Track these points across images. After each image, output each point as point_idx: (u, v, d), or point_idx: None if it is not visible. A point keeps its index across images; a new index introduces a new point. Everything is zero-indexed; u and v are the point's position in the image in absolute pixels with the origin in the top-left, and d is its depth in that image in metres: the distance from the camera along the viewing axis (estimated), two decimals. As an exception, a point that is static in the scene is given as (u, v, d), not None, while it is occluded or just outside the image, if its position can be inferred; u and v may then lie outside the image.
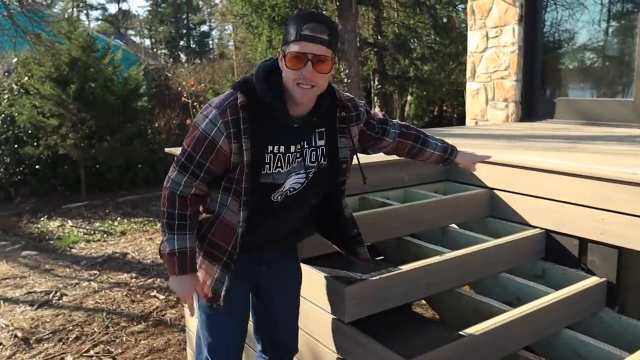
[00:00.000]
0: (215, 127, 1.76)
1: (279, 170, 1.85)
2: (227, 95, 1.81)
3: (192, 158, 1.81)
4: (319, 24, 1.72)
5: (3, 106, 10.36)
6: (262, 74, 1.81)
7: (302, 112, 1.84)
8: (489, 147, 3.43)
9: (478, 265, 2.47)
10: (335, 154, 1.96)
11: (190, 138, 1.83)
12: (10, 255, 6.56)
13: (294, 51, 1.72)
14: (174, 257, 1.87)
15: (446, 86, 12.89)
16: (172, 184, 1.86)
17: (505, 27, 5.45)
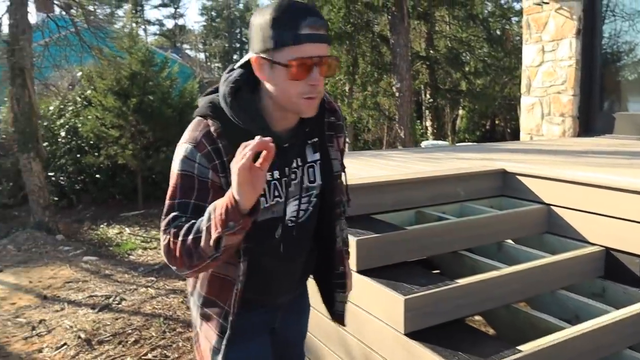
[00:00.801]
0: (195, 163, 1.44)
1: (277, 200, 1.54)
2: (195, 126, 1.49)
3: (185, 206, 1.44)
4: (316, 17, 1.40)
5: (67, 117, 10.89)
6: (228, 94, 1.47)
7: (289, 124, 1.52)
8: (546, 162, 3.40)
9: (535, 281, 2.46)
10: (329, 167, 1.64)
11: (171, 189, 1.47)
12: (73, 260, 6.86)
13: (299, 57, 1.37)
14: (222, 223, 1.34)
15: (499, 100, 12.72)
16: (170, 240, 1.42)
17: (562, 41, 5.37)
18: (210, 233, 1.32)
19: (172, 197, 1.45)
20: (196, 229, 1.37)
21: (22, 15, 6.88)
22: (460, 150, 4.57)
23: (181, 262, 1.40)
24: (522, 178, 3.09)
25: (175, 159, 1.48)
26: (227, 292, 1.55)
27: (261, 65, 1.43)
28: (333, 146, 1.65)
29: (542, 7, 5.51)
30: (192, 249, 1.37)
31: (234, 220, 1.29)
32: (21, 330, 4.65)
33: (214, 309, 1.60)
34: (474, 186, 3.12)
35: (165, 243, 1.42)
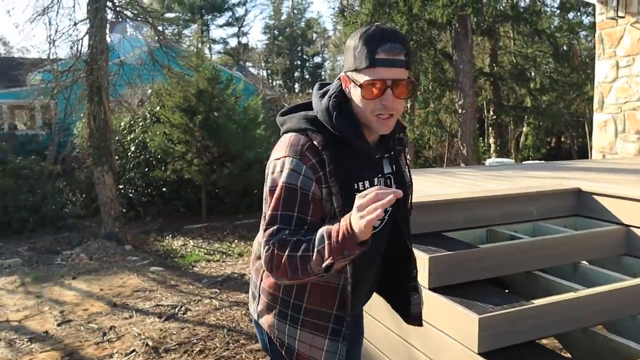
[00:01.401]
0: (300, 176, 1.51)
1: None
2: (295, 140, 1.57)
3: (289, 218, 1.51)
4: (394, 43, 1.50)
5: (137, 133, 11.36)
6: (332, 108, 1.58)
7: (374, 138, 1.65)
8: (623, 181, 3.28)
9: (615, 304, 2.36)
10: (402, 178, 1.76)
11: (275, 201, 1.53)
12: (141, 270, 7.10)
13: (371, 79, 1.50)
14: (333, 254, 1.41)
15: (565, 117, 12.33)
16: (275, 251, 1.49)
17: (638, 56, 5.18)
18: (322, 256, 1.40)
19: (275, 208, 1.52)
20: (305, 247, 1.44)
21: (101, 37, 7.28)
22: (529, 169, 4.46)
23: (283, 273, 1.48)
24: (599, 197, 2.98)
25: (276, 172, 1.55)
26: (330, 298, 1.62)
27: (347, 83, 1.59)
28: (402, 160, 1.78)
29: (616, 21, 5.34)
30: (299, 265, 1.45)
31: (350, 249, 1.38)
32: (93, 336, 4.85)
33: (319, 316, 1.64)
34: (547, 205, 3.04)
35: (268, 253, 1.49)
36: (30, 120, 16.30)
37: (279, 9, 37.16)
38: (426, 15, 10.53)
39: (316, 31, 36.36)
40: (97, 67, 7.29)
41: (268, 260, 1.50)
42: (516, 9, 10.76)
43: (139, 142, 11.11)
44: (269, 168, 1.59)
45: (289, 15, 37.49)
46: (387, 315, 1.76)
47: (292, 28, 36.15)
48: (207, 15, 32.68)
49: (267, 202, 1.57)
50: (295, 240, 1.47)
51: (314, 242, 1.43)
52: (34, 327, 5.12)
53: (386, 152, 1.70)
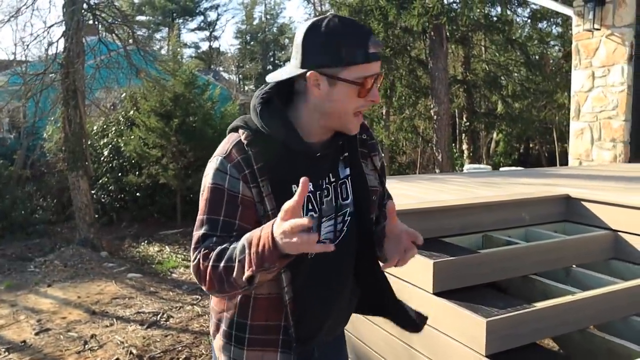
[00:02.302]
0: (226, 175, 1.40)
1: (311, 214, 1.45)
2: (228, 138, 1.48)
3: (214, 222, 1.39)
4: (374, 35, 1.41)
5: (110, 137, 11.19)
6: (259, 103, 1.46)
7: (323, 137, 1.49)
8: (609, 188, 3.40)
9: (609, 306, 2.45)
10: (363, 182, 1.56)
11: (202, 204, 1.43)
12: (118, 277, 6.99)
13: (369, 75, 1.39)
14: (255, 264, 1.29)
15: (536, 123, 12.66)
16: (200, 260, 1.36)
17: (614, 67, 5.37)
18: (243, 267, 1.28)
19: (201, 212, 1.42)
20: (228, 257, 1.32)
21: (77, 40, 7.16)
22: (515, 175, 4.58)
23: (211, 285, 1.36)
24: (587, 204, 3.09)
25: (206, 173, 1.45)
26: (276, 311, 1.47)
27: (317, 81, 1.40)
28: (367, 164, 1.59)
29: (592, 33, 5.52)
30: (224, 277, 1.32)
31: (270, 262, 1.25)
32: (74, 345, 4.76)
33: (268, 331, 1.49)
34: (537, 211, 3.13)
35: (195, 263, 1.38)
36: (-4, 124, 15.86)
37: (251, 13, 37.10)
38: (401, 23, 10.68)
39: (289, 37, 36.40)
40: (74, 70, 7.16)
41: (195, 271, 1.38)
42: (489, 18, 11.03)
43: (113, 147, 10.95)
44: (206, 168, 1.48)
45: (261, 20, 37.47)
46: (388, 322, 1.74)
47: (264, 33, 36.11)
48: (178, 19, 32.40)
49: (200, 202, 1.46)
50: (220, 249, 1.34)
51: (236, 251, 1.31)
52: (10, 336, 4.98)
53: (337, 153, 1.53)
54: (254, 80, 29.49)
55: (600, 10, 5.39)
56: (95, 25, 8.39)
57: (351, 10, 10.95)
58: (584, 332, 2.39)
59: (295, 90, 1.48)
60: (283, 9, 66.75)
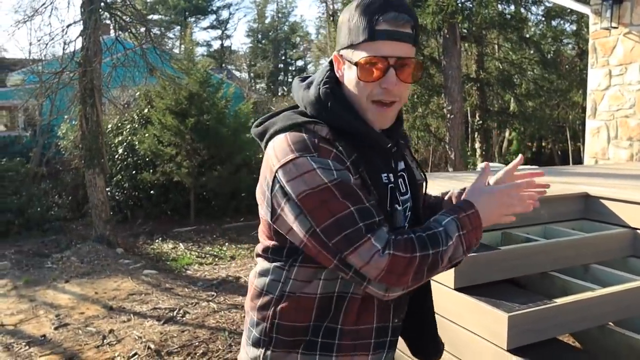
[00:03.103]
0: (331, 170, 1.20)
1: (396, 207, 1.35)
2: (296, 136, 1.26)
3: (365, 211, 1.21)
4: (400, 13, 1.23)
5: (125, 135, 11.29)
6: (324, 96, 1.30)
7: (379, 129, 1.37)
8: (627, 186, 3.40)
9: (628, 303, 2.47)
10: (413, 176, 1.46)
11: (330, 205, 1.20)
12: (134, 273, 7.07)
13: (369, 56, 1.23)
14: (468, 224, 1.26)
15: (549, 122, 12.62)
16: (394, 254, 1.18)
17: (631, 65, 5.36)
18: (461, 243, 1.24)
19: (340, 209, 1.19)
20: (434, 240, 1.21)
21: (95, 39, 7.25)
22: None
23: (411, 279, 1.22)
24: (606, 202, 3.10)
25: (299, 178, 1.21)
26: (368, 312, 1.34)
27: (339, 64, 1.32)
28: (408, 156, 1.50)
29: (610, 31, 5.51)
30: (437, 262, 1.22)
31: (478, 241, 1.31)
32: (92, 339, 4.83)
33: (359, 335, 1.35)
34: (556, 209, 3.14)
35: (387, 261, 1.17)
36: (11, 122, 16.05)
37: (263, 12, 37.23)
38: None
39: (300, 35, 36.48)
40: (91, 68, 7.25)
41: (387, 270, 1.17)
42: (503, 16, 11.00)
43: (127, 145, 11.05)
44: (279, 178, 1.24)
45: (273, 18, 37.59)
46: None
47: (276, 32, 36.22)
48: (190, 18, 32.58)
49: (306, 215, 1.21)
50: (418, 236, 1.21)
51: (444, 230, 1.23)
52: (30, 330, 5.07)
53: (395, 144, 1.40)
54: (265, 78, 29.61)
55: (618, 8, 5.38)
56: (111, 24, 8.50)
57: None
58: (603, 328, 2.41)
59: None
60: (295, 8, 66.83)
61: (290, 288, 1.33)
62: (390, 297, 1.26)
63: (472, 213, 1.27)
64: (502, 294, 2.32)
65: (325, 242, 1.20)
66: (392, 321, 1.39)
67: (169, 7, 30.99)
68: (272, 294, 1.36)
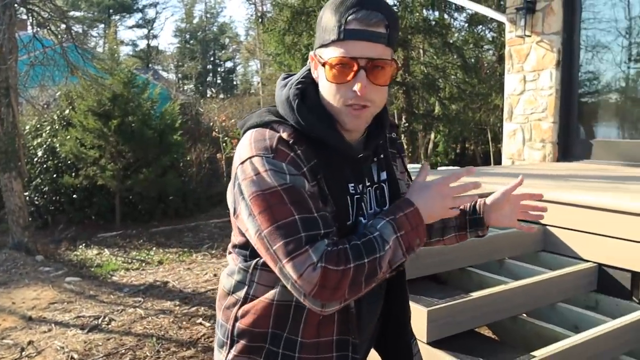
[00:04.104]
0: (285, 174, 1.17)
1: (361, 220, 1.30)
2: (260, 134, 1.24)
3: (311, 221, 1.16)
4: (372, 11, 1.18)
5: (44, 137, 10.79)
6: (293, 97, 1.26)
7: (356, 135, 1.32)
8: (538, 185, 3.62)
9: (538, 295, 2.64)
10: (396, 188, 1.41)
11: (276, 209, 1.16)
12: (55, 281, 6.78)
13: (338, 56, 1.18)
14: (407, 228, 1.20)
15: (471, 125, 13.15)
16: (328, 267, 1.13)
17: (543, 71, 5.70)
18: (399, 245, 1.18)
19: (284, 216, 1.15)
20: (369, 247, 1.16)
21: (9, 35, 6.89)
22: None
23: (341, 293, 1.15)
24: (519, 199, 3.29)
25: (250, 178, 1.18)
26: (328, 322, 1.29)
27: (315, 64, 1.28)
28: (397, 166, 1.45)
29: (524, 39, 5.83)
30: (372, 270, 1.16)
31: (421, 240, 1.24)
32: (9, 352, 4.60)
33: (320, 349, 1.30)
34: (473, 207, 3.31)
35: (316, 273, 1.12)
36: None
37: (191, 12, 36.60)
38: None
39: (229, 36, 36.10)
40: (7, 67, 6.89)
41: (322, 282, 1.12)
42: (428, 22, 11.37)
43: (47, 147, 10.56)
44: (238, 175, 1.23)
45: (201, 19, 37.02)
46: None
47: (204, 32, 35.69)
48: (115, 16, 31.54)
49: (255, 216, 1.18)
50: (352, 245, 1.16)
51: (379, 235, 1.17)
52: (-62, 346, 4.77)
53: (374, 154, 1.37)
54: (193, 79, 29.14)
55: (531, 17, 5.70)
56: (28, 20, 8.10)
57: (293, 12, 11.02)
58: (516, 318, 2.57)
59: None
60: (223, 8, 66.21)
61: (254, 291, 1.31)
62: (326, 312, 1.20)
63: (411, 211, 1.22)
64: (423, 289, 2.42)
65: (268, 247, 1.17)
66: (351, 335, 1.31)
67: (92, 4, 29.90)
68: (237, 296, 1.34)
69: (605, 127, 5.83)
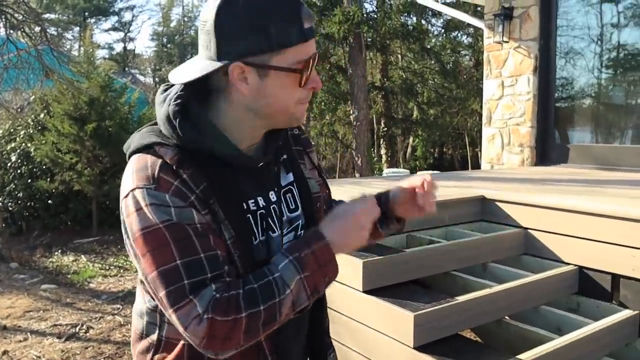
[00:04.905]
0: (169, 208, 1.05)
1: (269, 234, 1.20)
2: (142, 162, 1.11)
3: (197, 265, 1.05)
4: (305, 6, 1.12)
5: (18, 142, 10.59)
6: (173, 114, 1.12)
7: (254, 141, 1.21)
8: (519, 189, 3.68)
9: (522, 298, 2.67)
10: (306, 188, 1.31)
11: (158, 253, 1.04)
12: (30, 289, 6.64)
13: (307, 58, 1.11)
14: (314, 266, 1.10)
15: (449, 129, 13.31)
16: (217, 319, 1.03)
17: (521, 77, 5.79)
18: (303, 287, 1.08)
19: (166, 260, 1.04)
20: (266, 293, 1.06)
21: (-17, 38, 6.75)
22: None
23: (235, 342, 1.06)
24: (500, 204, 3.34)
25: (134, 215, 1.06)
26: (252, 354, 1.18)
27: (243, 74, 1.11)
28: (305, 164, 1.35)
29: (502, 45, 5.92)
30: (269, 318, 1.07)
31: (332, 275, 1.13)
32: (-16, 362, 4.50)
33: None
34: (456, 211, 3.34)
35: (203, 326, 1.02)
36: None
37: (169, 15, 36.37)
38: (322, 29, 10.88)
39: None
40: (-21, 70, 6.74)
41: (210, 334, 1.03)
42: (406, 27, 11.48)
43: (22, 152, 10.36)
44: (122, 211, 1.11)
45: (178, 22, 36.79)
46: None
47: (182, 36, 35.45)
48: (90, 19, 31.14)
49: (140, 259, 1.07)
50: (246, 291, 1.06)
51: (279, 276, 1.07)
52: None
53: (276, 156, 1.27)
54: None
55: (508, 23, 5.79)
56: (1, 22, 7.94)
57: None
58: (500, 322, 2.59)
59: (211, 88, 1.17)
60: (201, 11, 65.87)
61: (166, 333, 1.19)
62: (222, 358, 1.09)
63: (320, 248, 1.10)
64: (408, 294, 2.43)
65: (155, 293, 1.07)
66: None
67: (67, 6, 29.45)
68: (150, 340, 1.22)
69: (581, 131, 5.95)
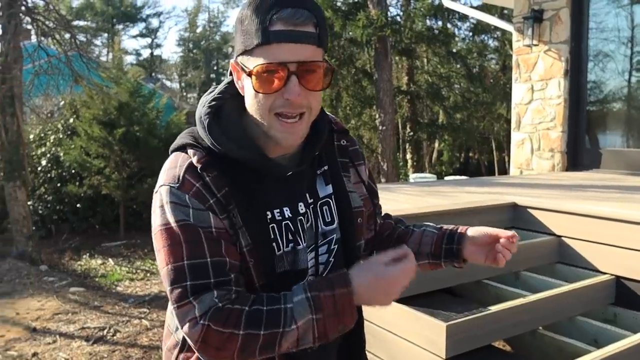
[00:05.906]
0: (188, 209, 1.07)
1: (292, 246, 1.16)
2: (174, 161, 1.14)
3: (202, 268, 1.05)
4: (298, 8, 1.05)
5: (48, 146, 10.79)
6: (204, 116, 1.14)
7: (287, 149, 1.17)
8: (551, 196, 3.59)
9: (557, 308, 2.59)
10: (346, 202, 1.25)
11: (167, 249, 1.07)
12: (60, 291, 6.73)
13: (264, 63, 1.05)
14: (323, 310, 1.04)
15: (476, 134, 13.17)
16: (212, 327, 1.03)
17: (551, 81, 5.67)
18: (310, 328, 1.03)
19: (171, 259, 1.06)
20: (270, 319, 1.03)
21: (14, 45, 6.89)
22: (461, 184, 4.75)
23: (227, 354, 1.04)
24: (533, 211, 3.25)
25: (157, 211, 1.10)
26: None
27: (238, 73, 1.13)
28: (349, 177, 1.29)
29: (531, 48, 5.82)
30: (265, 344, 1.04)
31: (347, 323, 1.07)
32: (14, 364, 4.56)
33: None
34: (487, 218, 3.25)
35: (198, 333, 1.03)
36: None
37: (194, 21, 36.79)
38: (347, 34, 10.87)
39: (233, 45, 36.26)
40: (11, 76, 6.88)
41: (200, 341, 1.04)
42: (431, 31, 11.40)
43: (51, 156, 10.55)
44: (153, 203, 1.14)
45: (204, 28, 37.20)
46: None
47: (208, 41, 35.83)
48: (118, 25, 31.68)
49: (157, 253, 1.10)
50: (252, 311, 1.04)
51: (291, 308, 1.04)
52: (-57, 358, 4.72)
53: (318, 166, 1.24)
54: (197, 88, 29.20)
55: (538, 26, 5.69)
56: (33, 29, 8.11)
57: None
58: (534, 332, 2.52)
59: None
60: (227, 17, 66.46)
61: None
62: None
63: (342, 293, 1.05)
64: (439, 303, 2.38)
65: (165, 286, 1.10)
66: None
67: (96, 13, 30.01)
68: (177, 337, 1.22)
69: (614, 136, 5.80)
